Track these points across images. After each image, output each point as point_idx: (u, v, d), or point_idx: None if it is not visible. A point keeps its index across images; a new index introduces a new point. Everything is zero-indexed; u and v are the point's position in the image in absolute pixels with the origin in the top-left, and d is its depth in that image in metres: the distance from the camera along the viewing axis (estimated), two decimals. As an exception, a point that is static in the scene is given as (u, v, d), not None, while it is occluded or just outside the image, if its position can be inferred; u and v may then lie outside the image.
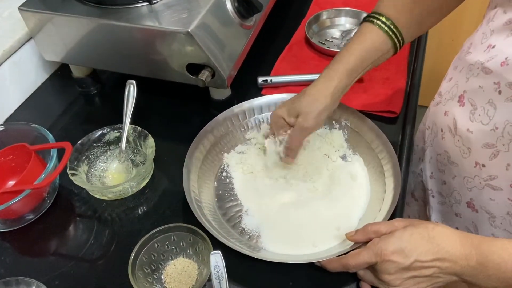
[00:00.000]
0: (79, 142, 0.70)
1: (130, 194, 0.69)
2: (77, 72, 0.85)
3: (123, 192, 0.68)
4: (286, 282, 0.58)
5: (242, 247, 0.58)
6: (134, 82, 0.72)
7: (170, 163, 0.72)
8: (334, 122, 0.73)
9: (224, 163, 0.72)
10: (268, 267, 0.57)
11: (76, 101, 0.86)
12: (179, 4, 0.71)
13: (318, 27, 0.96)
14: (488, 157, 0.58)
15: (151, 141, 0.70)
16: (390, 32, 0.61)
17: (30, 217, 0.66)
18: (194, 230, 0.58)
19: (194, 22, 0.67)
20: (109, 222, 0.66)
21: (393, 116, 0.76)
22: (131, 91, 0.71)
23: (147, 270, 0.58)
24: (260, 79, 0.83)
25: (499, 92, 0.54)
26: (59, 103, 0.87)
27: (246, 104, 0.75)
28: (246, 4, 0.74)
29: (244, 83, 0.82)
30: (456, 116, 0.62)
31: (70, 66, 0.85)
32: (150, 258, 0.58)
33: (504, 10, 0.55)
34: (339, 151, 0.72)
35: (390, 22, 0.61)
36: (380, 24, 0.61)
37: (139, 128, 0.71)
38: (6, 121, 0.82)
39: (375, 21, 0.61)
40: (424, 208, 0.80)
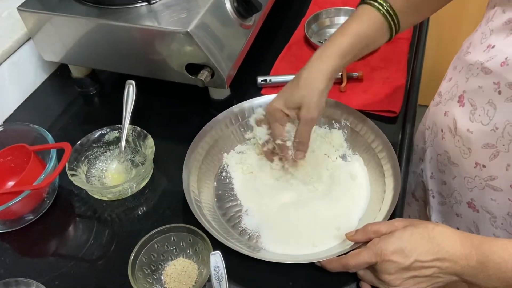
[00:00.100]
0: (79, 142, 0.70)
1: (129, 195, 0.69)
2: (76, 72, 0.85)
3: (122, 193, 0.68)
4: (286, 282, 0.58)
5: (242, 247, 0.58)
6: (133, 82, 0.72)
7: (170, 163, 0.72)
8: (333, 122, 0.73)
9: (223, 163, 0.72)
10: (268, 267, 0.57)
11: (75, 101, 0.86)
12: (178, 4, 0.71)
13: (317, 27, 0.96)
14: (488, 157, 0.58)
15: (150, 141, 0.69)
16: (387, 14, 0.60)
17: (30, 217, 0.66)
18: (194, 230, 0.58)
19: (193, 22, 0.67)
20: (108, 222, 0.66)
21: (392, 115, 0.76)
22: (131, 91, 0.71)
23: (147, 270, 0.58)
24: (259, 79, 0.83)
25: (499, 92, 0.54)
26: (58, 104, 0.87)
27: (246, 104, 0.75)
28: (245, 4, 0.74)
29: (244, 83, 0.82)
30: (456, 116, 0.62)
31: (69, 66, 0.85)
32: (150, 259, 0.58)
33: (503, 9, 0.55)
34: (338, 150, 0.72)
35: (388, 5, 0.60)
36: (378, 6, 0.60)
37: (138, 128, 0.71)
38: (6, 121, 0.82)
39: (373, 2, 0.60)
40: (424, 208, 0.80)
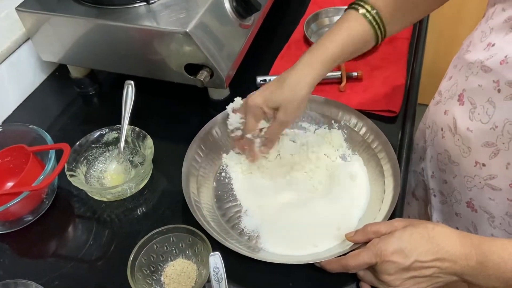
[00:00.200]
0: (78, 143, 0.70)
1: (129, 195, 0.69)
2: (75, 72, 0.85)
3: (122, 193, 0.68)
4: (286, 283, 0.58)
5: (242, 248, 0.58)
6: (132, 82, 0.72)
7: (169, 164, 0.72)
8: (333, 122, 0.73)
9: (223, 164, 0.71)
10: (267, 268, 0.57)
11: (74, 101, 0.86)
12: (177, 4, 0.71)
13: (316, 26, 0.96)
14: (488, 156, 0.58)
15: (149, 141, 0.69)
16: (374, 22, 0.60)
17: (29, 218, 0.66)
18: (193, 231, 0.58)
19: (192, 22, 0.67)
20: (108, 223, 0.66)
21: (392, 115, 0.76)
22: (129, 91, 0.71)
23: (146, 271, 0.58)
24: (259, 79, 0.83)
25: (498, 90, 0.54)
26: (57, 104, 0.86)
27: (245, 104, 0.74)
28: (244, 4, 0.74)
29: (243, 83, 0.82)
30: (456, 115, 0.62)
31: (68, 66, 0.84)
32: (149, 260, 0.58)
33: (503, 7, 0.55)
34: (338, 150, 0.72)
35: (375, 12, 0.60)
36: (365, 12, 0.60)
37: (137, 128, 0.71)
38: (4, 122, 0.82)
39: (360, 9, 0.61)
40: (425, 207, 0.80)
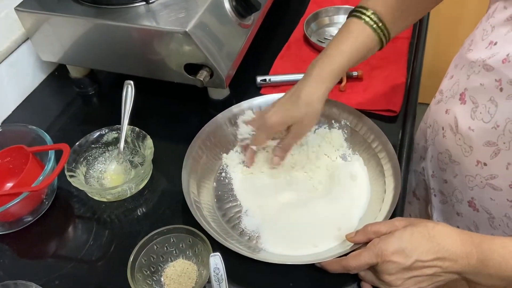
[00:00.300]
0: (77, 143, 0.69)
1: (129, 195, 0.68)
2: (74, 72, 0.85)
3: (122, 194, 0.68)
4: (286, 283, 0.57)
5: (242, 248, 0.58)
6: (131, 82, 0.71)
7: (169, 164, 0.72)
8: (333, 122, 0.73)
9: (223, 164, 0.71)
10: (268, 268, 0.57)
11: (73, 101, 0.86)
12: (176, 3, 0.71)
13: (316, 26, 0.96)
14: (489, 155, 0.58)
15: (149, 142, 0.69)
16: (377, 29, 0.60)
17: (29, 219, 0.66)
18: (194, 231, 0.58)
19: (192, 22, 0.67)
20: (108, 223, 0.66)
21: (392, 115, 0.76)
22: (129, 91, 0.71)
23: (146, 272, 0.57)
24: (259, 78, 0.83)
25: (501, 89, 0.54)
26: (56, 104, 0.86)
27: (245, 104, 0.74)
28: (244, 3, 0.73)
29: (243, 83, 0.82)
30: (457, 114, 0.62)
31: (68, 66, 0.84)
32: (150, 260, 0.58)
33: (504, 5, 0.55)
34: (338, 150, 0.71)
35: (377, 17, 0.60)
36: (367, 20, 0.60)
37: (137, 129, 0.71)
38: (4, 122, 0.82)
39: (362, 16, 0.61)
40: (426, 207, 0.80)
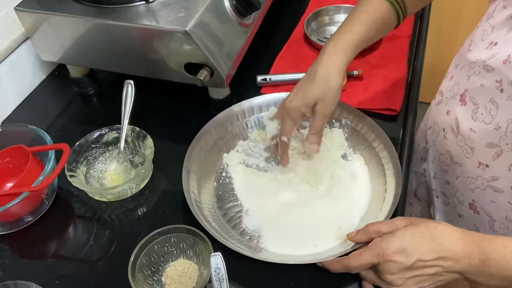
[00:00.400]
0: (77, 143, 0.69)
1: (129, 195, 0.68)
2: (74, 72, 0.85)
3: (122, 193, 0.68)
4: (287, 282, 0.57)
5: (243, 248, 0.58)
6: (132, 82, 0.71)
7: (169, 163, 0.72)
8: (334, 121, 0.73)
9: (223, 163, 0.71)
10: (269, 267, 0.57)
11: (73, 101, 0.86)
12: (176, 2, 0.71)
13: (317, 25, 0.95)
14: (491, 157, 0.58)
15: (149, 141, 0.69)
16: (395, 3, 0.59)
17: (29, 219, 0.66)
18: (194, 231, 0.58)
19: (192, 21, 0.67)
20: (108, 223, 0.66)
21: (393, 114, 0.76)
22: (129, 91, 0.71)
23: (147, 272, 0.57)
24: (259, 78, 0.82)
25: (501, 90, 0.54)
26: (56, 104, 0.86)
27: (246, 104, 0.74)
28: (244, 2, 0.73)
29: (243, 82, 0.82)
30: (458, 116, 0.61)
31: (67, 66, 0.84)
32: (150, 260, 0.58)
33: (504, 5, 0.55)
34: (339, 150, 0.71)
35: None
36: None
37: (137, 128, 0.71)
38: (4, 122, 0.82)
39: None
40: (427, 208, 0.80)
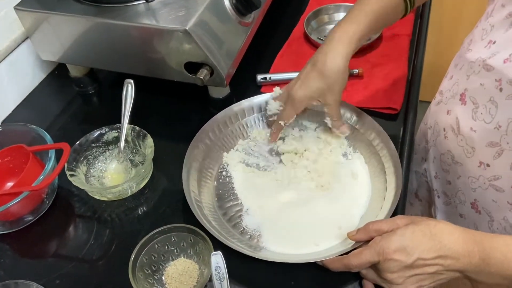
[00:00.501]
0: (77, 142, 0.69)
1: (129, 195, 0.68)
2: (74, 71, 0.85)
3: (122, 193, 0.68)
4: (288, 281, 0.57)
5: (243, 247, 0.58)
6: (132, 81, 0.71)
7: (169, 163, 0.72)
8: (334, 120, 0.73)
9: (224, 162, 0.71)
10: (269, 267, 0.57)
11: (73, 101, 0.86)
12: (176, 2, 0.70)
13: (317, 23, 0.95)
14: (492, 156, 0.58)
15: (150, 141, 0.69)
16: None
17: (29, 218, 0.66)
18: (195, 230, 0.58)
19: (192, 20, 0.67)
20: (108, 222, 0.66)
21: (393, 112, 0.76)
22: (129, 90, 0.71)
23: (147, 271, 0.57)
24: (259, 77, 0.82)
25: (500, 89, 0.54)
26: (56, 103, 0.86)
27: (246, 103, 0.74)
28: (244, 1, 0.73)
29: (243, 81, 0.82)
30: (459, 115, 0.61)
31: (67, 65, 0.84)
32: (151, 259, 0.58)
33: (502, 3, 0.55)
34: (340, 148, 0.71)
35: None
36: None
37: (137, 128, 0.71)
38: (4, 122, 0.82)
39: None
40: (428, 208, 0.80)
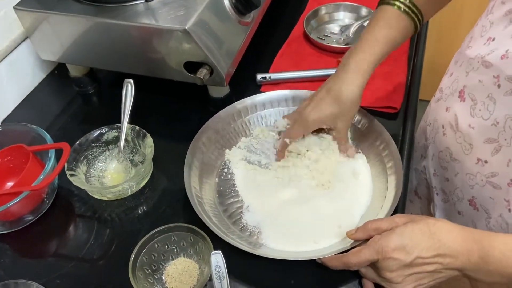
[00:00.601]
0: (77, 142, 0.69)
1: (129, 194, 0.68)
2: (74, 71, 0.85)
3: (122, 192, 0.68)
4: (288, 279, 0.57)
5: (243, 243, 0.58)
6: (131, 81, 0.71)
7: (169, 162, 0.72)
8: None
9: (225, 159, 0.71)
10: (269, 265, 0.57)
11: (73, 100, 0.86)
12: (175, 1, 0.71)
13: (316, 23, 0.95)
14: (490, 152, 0.58)
15: (149, 140, 0.69)
16: (410, 12, 0.59)
17: (29, 218, 0.66)
18: (194, 229, 0.58)
19: (191, 20, 0.67)
20: (109, 222, 0.66)
21: (393, 111, 0.76)
22: (129, 90, 0.71)
23: (147, 270, 0.57)
24: (259, 76, 0.82)
25: (498, 86, 0.54)
26: (56, 103, 0.86)
27: (248, 101, 0.75)
28: (243, 0, 0.73)
29: (243, 80, 0.82)
30: (457, 112, 0.61)
31: (67, 65, 0.84)
32: (151, 259, 0.58)
33: (502, 0, 0.55)
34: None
35: (409, 1, 0.59)
36: (399, 5, 0.59)
37: (137, 127, 0.71)
38: (3, 122, 0.82)
39: (395, 2, 0.59)
40: (427, 206, 0.80)
